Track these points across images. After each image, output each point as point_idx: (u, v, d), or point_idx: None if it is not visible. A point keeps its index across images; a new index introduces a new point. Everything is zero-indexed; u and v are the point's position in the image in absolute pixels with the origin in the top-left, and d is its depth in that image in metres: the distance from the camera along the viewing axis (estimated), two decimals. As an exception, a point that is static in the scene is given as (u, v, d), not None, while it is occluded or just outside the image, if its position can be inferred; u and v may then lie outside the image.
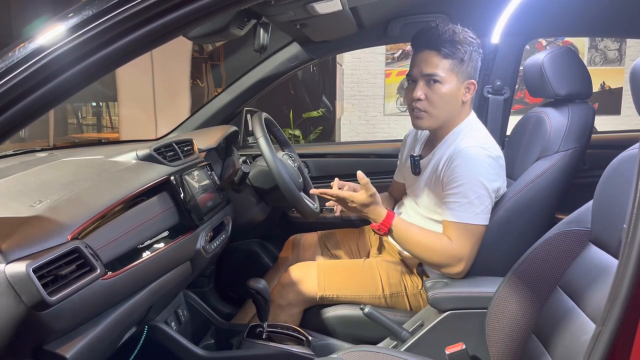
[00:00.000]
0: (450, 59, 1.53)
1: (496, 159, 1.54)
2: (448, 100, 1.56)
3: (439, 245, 1.50)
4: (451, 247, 1.49)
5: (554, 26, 2.16)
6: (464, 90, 1.58)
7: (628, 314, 0.71)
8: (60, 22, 0.81)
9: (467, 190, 1.49)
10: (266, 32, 1.62)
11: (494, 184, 1.52)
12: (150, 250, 1.29)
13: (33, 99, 0.80)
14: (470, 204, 1.48)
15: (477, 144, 1.54)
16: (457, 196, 1.50)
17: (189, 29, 0.85)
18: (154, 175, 1.41)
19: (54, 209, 1.05)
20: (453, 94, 1.56)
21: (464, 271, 1.51)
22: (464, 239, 1.49)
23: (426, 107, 1.57)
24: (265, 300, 1.59)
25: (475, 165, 1.50)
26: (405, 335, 1.51)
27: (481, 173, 1.50)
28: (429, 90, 1.55)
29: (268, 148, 1.70)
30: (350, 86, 7.31)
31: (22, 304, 0.89)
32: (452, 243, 1.49)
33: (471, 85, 1.59)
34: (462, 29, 1.57)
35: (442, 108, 1.57)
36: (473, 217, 1.49)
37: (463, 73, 1.55)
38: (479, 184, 1.49)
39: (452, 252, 1.49)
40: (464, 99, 1.59)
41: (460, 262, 1.50)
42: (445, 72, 1.53)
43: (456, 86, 1.56)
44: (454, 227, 1.50)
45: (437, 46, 1.52)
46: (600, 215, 1.13)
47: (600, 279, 1.03)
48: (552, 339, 1.11)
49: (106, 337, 1.12)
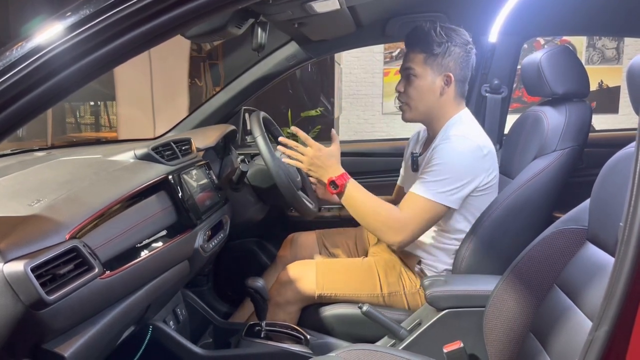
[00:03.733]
0: (424, 53, 1.62)
1: (480, 149, 1.56)
2: (424, 92, 1.64)
3: (387, 210, 1.54)
4: (397, 214, 1.53)
5: (552, 25, 2.17)
6: (442, 83, 1.63)
7: (625, 311, 0.71)
8: (58, 21, 0.80)
9: (438, 171, 1.52)
10: (264, 31, 1.62)
11: (471, 171, 1.54)
12: (148, 249, 1.29)
13: (31, 98, 0.80)
14: (437, 182, 1.51)
15: (460, 133, 1.58)
16: (428, 174, 1.54)
17: (186, 28, 0.85)
18: (152, 174, 1.41)
19: (52, 208, 1.05)
20: (428, 86, 1.63)
21: (401, 242, 1.53)
22: (416, 211, 1.52)
23: (406, 99, 1.67)
24: (263, 299, 1.59)
25: (454, 151, 1.54)
26: (403, 333, 1.51)
27: (458, 158, 1.53)
28: (407, 84, 1.66)
29: (266, 147, 1.70)
30: (349, 85, 7.30)
31: (20, 303, 0.89)
32: (402, 212, 1.53)
33: (448, 78, 1.63)
34: (446, 27, 1.63)
35: (419, 100, 1.65)
36: (434, 194, 1.51)
37: (437, 66, 1.62)
38: (453, 168, 1.52)
39: (396, 218, 1.52)
40: (442, 92, 1.64)
41: (402, 231, 1.52)
42: (419, 66, 1.62)
43: (431, 79, 1.63)
44: (411, 198, 1.54)
45: (414, 43, 1.64)
46: (598, 213, 1.13)
47: (597, 277, 1.03)
48: (549, 337, 1.11)
49: (104, 336, 1.12)
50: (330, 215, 2.33)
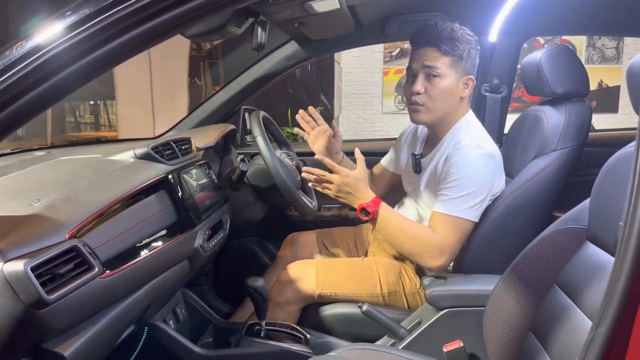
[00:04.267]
0: (450, 56, 1.54)
1: (492, 157, 1.55)
2: (447, 95, 1.57)
3: (423, 233, 1.50)
4: (434, 237, 1.49)
5: (552, 25, 2.16)
6: (462, 86, 1.59)
7: (624, 311, 0.71)
8: (57, 20, 0.80)
9: (461, 186, 1.49)
10: (264, 30, 1.62)
11: (489, 182, 1.53)
12: (148, 248, 1.29)
13: (30, 97, 0.80)
14: (461, 198, 1.49)
15: (474, 142, 1.55)
16: (449, 189, 1.50)
17: (186, 28, 0.85)
18: (152, 173, 1.41)
19: (52, 208, 1.05)
20: (451, 89, 1.57)
21: (443, 265, 1.51)
22: (449, 231, 1.49)
23: (425, 101, 1.58)
24: (263, 298, 1.59)
25: (472, 163, 1.51)
26: (403, 333, 1.51)
27: (477, 171, 1.51)
28: (428, 84, 1.57)
29: (266, 146, 1.70)
30: (349, 84, 7.30)
31: (20, 302, 0.89)
32: (436, 233, 1.49)
33: (469, 81, 1.60)
34: (459, 27, 1.58)
35: (440, 102, 1.58)
36: (462, 211, 1.49)
37: (462, 69, 1.57)
38: (474, 181, 1.50)
39: (434, 242, 1.49)
40: (462, 95, 1.60)
41: (441, 255, 1.49)
42: (444, 67, 1.55)
43: (455, 81, 1.57)
44: (441, 218, 1.50)
45: (436, 43, 1.54)
46: (597, 213, 1.13)
47: (597, 277, 1.03)
48: (549, 336, 1.11)
49: (104, 335, 1.12)
50: (330, 214, 2.33)
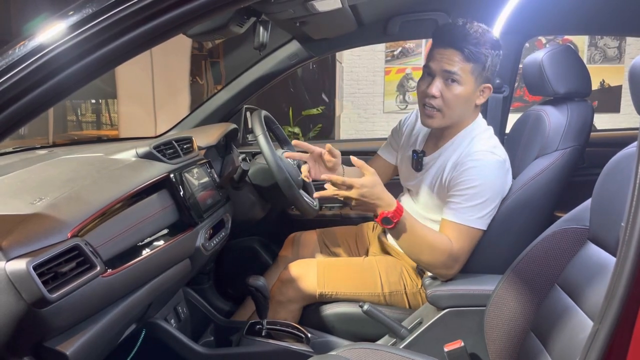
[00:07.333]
0: (472, 63, 1.48)
1: (504, 163, 1.53)
2: (463, 101, 1.53)
3: (442, 245, 1.47)
4: (452, 247, 1.47)
5: (554, 24, 2.16)
6: (479, 94, 1.56)
7: (625, 311, 0.71)
8: (60, 20, 0.81)
9: (474, 194, 1.47)
10: (266, 29, 1.62)
11: (501, 189, 1.52)
12: (149, 247, 1.29)
13: (33, 96, 0.81)
14: (474, 207, 1.47)
15: (487, 148, 1.52)
16: (462, 198, 1.48)
17: (188, 27, 0.85)
18: (154, 172, 1.41)
19: (54, 207, 1.05)
20: (468, 96, 1.52)
21: (452, 275, 1.51)
22: (464, 241, 1.48)
23: (440, 105, 1.52)
24: (264, 297, 1.59)
25: (485, 171, 1.49)
26: (404, 332, 1.51)
27: (490, 179, 1.49)
28: (445, 89, 1.50)
29: (267, 146, 1.70)
30: (350, 84, 7.30)
31: (23, 301, 0.89)
32: (453, 244, 1.48)
33: (486, 89, 1.56)
34: (487, 29, 1.52)
35: (456, 108, 1.53)
36: (475, 221, 1.48)
37: (482, 78, 1.52)
38: (487, 189, 1.48)
39: (452, 252, 1.47)
40: (477, 102, 1.57)
41: (455, 265, 1.49)
42: (465, 73, 1.49)
43: (472, 89, 1.52)
44: (455, 228, 1.48)
45: (461, 47, 1.47)
46: (599, 213, 1.13)
47: (598, 277, 1.04)
48: (550, 336, 1.11)
49: (106, 334, 1.12)
50: (331, 214, 2.33)
